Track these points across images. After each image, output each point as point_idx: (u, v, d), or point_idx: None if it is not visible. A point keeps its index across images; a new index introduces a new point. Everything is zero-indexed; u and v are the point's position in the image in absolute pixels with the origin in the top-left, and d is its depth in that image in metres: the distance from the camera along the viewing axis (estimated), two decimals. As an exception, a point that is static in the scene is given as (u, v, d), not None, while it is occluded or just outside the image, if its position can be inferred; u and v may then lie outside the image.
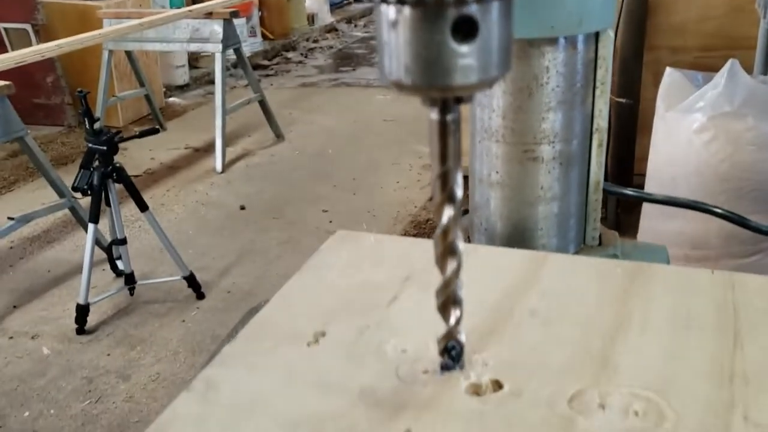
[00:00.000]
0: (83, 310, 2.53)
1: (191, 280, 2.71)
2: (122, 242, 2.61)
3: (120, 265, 2.73)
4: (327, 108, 5.32)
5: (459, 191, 0.48)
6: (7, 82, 2.67)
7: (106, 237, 2.81)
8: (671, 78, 2.36)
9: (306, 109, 5.27)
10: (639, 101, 2.76)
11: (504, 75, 0.44)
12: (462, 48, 0.42)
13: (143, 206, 2.60)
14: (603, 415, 0.54)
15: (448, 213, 0.49)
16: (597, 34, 0.81)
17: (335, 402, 0.56)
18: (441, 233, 0.50)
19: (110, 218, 2.61)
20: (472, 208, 0.86)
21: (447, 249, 0.50)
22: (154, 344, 2.48)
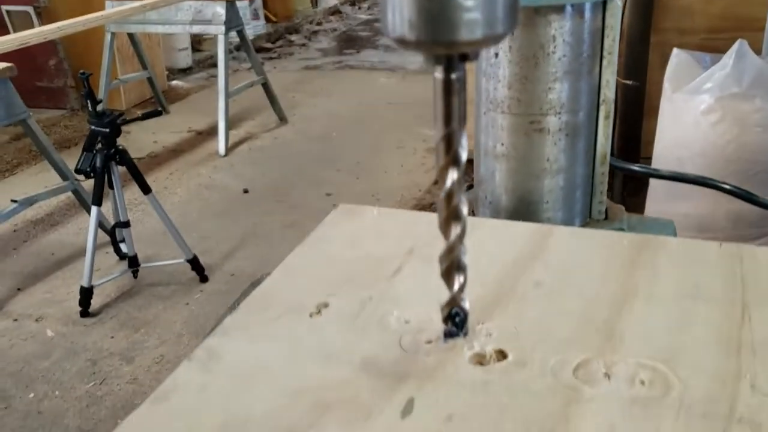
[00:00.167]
0: (87, 293, 2.53)
1: (195, 263, 2.71)
2: (125, 225, 2.61)
3: (123, 248, 2.73)
4: (331, 91, 5.29)
5: (464, 153, 0.47)
6: (9, 64, 2.66)
7: (109, 220, 2.81)
8: (678, 59, 2.33)
9: (309, 92, 5.25)
10: (646, 83, 2.73)
11: (510, 32, 0.43)
12: (467, 1, 0.41)
13: (146, 189, 2.59)
14: (609, 385, 0.53)
15: (452, 176, 0.48)
16: (604, 3, 0.79)
17: (338, 372, 0.56)
18: (445, 197, 0.49)
19: (113, 201, 2.60)
20: (477, 182, 0.85)
21: (451, 213, 0.49)
22: (158, 327, 2.48)
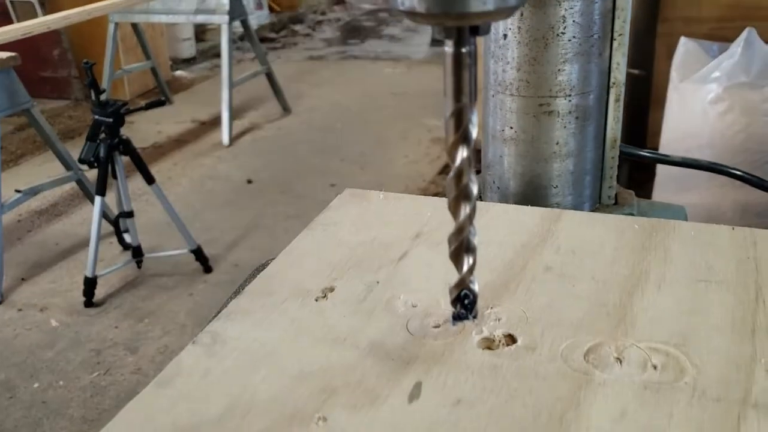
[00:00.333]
0: (91, 283, 2.53)
1: (198, 254, 2.70)
2: (129, 215, 2.61)
3: (127, 238, 2.72)
4: (335, 81, 5.27)
5: (474, 130, 0.45)
6: (13, 54, 2.65)
7: (113, 210, 2.80)
8: (686, 48, 2.31)
9: (313, 83, 5.23)
10: (652, 74, 2.71)
11: (522, 5, 0.42)
12: (479, -29, 0.40)
13: (150, 179, 2.58)
14: (620, 369, 0.52)
15: (462, 154, 0.46)
16: (615, -17, 0.78)
17: (344, 355, 0.55)
18: (454, 176, 0.47)
19: (117, 191, 2.60)
20: (485, 166, 0.84)
21: (461, 192, 0.48)
22: (162, 317, 2.48)
